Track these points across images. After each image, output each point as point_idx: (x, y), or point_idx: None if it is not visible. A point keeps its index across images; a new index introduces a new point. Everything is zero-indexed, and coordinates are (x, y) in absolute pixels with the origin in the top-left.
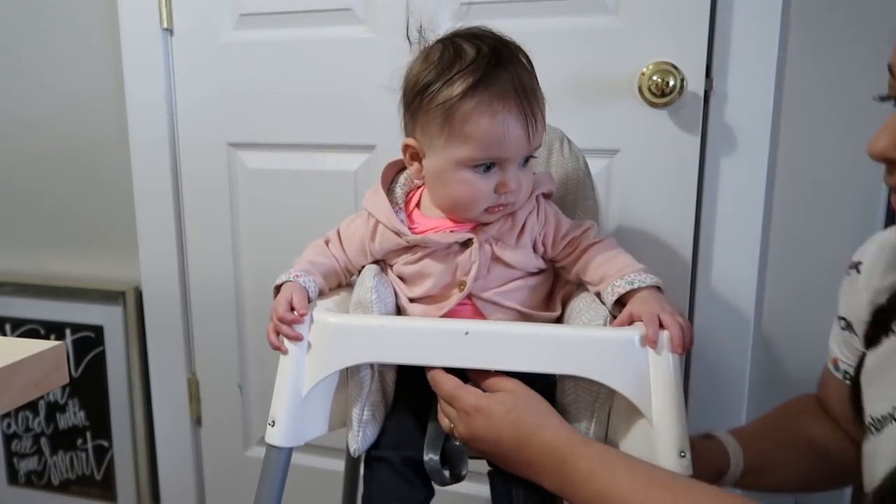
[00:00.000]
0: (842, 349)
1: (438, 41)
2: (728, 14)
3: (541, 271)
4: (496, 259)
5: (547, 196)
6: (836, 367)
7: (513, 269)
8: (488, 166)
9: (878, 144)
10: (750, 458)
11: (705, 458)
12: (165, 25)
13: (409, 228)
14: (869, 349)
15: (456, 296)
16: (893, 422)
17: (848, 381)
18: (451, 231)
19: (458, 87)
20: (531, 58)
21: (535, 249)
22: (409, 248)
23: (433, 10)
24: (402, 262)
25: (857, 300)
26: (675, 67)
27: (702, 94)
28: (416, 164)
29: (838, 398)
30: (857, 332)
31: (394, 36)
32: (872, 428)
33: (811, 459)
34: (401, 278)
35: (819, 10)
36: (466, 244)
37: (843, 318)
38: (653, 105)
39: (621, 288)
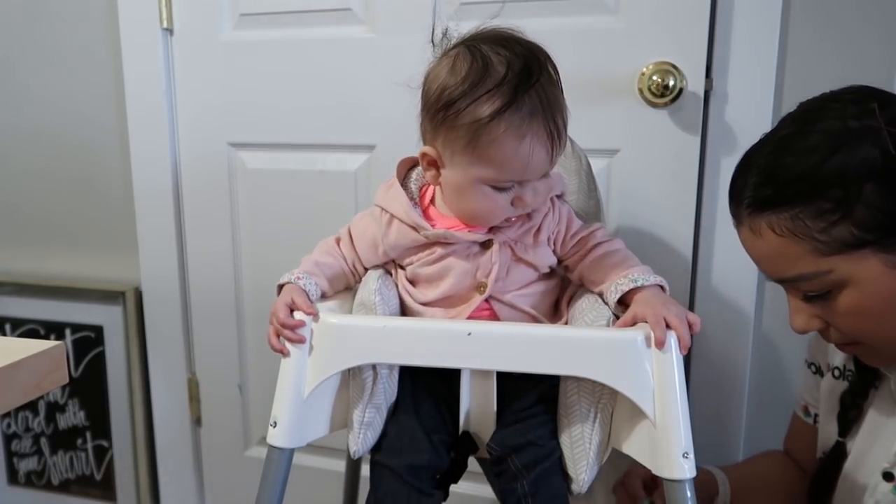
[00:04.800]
0: (812, 394)
1: (465, 46)
2: (728, 14)
3: (553, 273)
4: (518, 260)
5: (559, 196)
6: (807, 413)
7: (532, 270)
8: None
9: (798, 324)
10: (735, 487)
11: (700, 483)
12: (165, 25)
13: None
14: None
15: (476, 298)
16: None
17: (818, 426)
18: (469, 230)
19: (486, 109)
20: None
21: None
22: (426, 245)
23: (432, 9)
24: (419, 263)
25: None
26: (675, 67)
27: (702, 94)
28: (433, 171)
29: (808, 444)
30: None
31: (394, 36)
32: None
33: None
34: (412, 282)
35: (819, 10)
36: (486, 245)
37: (812, 364)
38: (653, 105)
39: (625, 286)
